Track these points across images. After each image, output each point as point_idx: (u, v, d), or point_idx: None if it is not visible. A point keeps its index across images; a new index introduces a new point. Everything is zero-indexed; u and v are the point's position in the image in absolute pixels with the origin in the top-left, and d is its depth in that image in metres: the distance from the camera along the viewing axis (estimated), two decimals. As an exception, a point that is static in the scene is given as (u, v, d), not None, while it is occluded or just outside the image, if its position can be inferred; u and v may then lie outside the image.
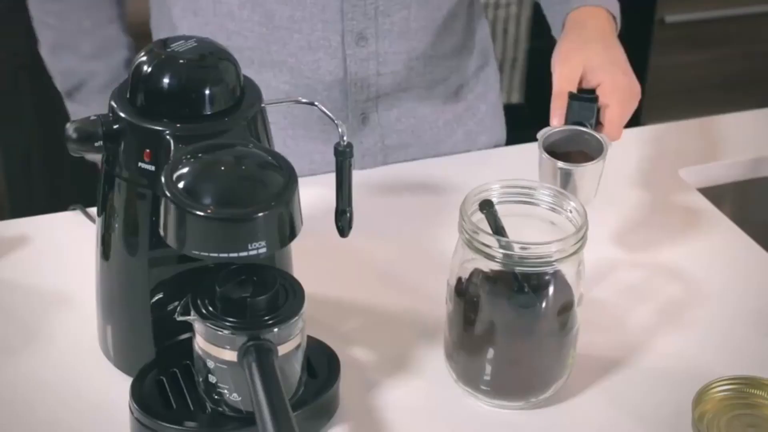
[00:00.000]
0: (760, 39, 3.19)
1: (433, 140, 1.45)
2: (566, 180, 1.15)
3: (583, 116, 1.19)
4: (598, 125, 1.20)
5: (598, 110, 1.20)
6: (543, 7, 1.41)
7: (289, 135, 1.39)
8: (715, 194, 1.44)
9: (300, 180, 0.93)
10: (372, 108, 1.39)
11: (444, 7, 1.38)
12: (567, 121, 1.19)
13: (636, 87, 1.23)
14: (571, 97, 1.20)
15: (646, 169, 1.44)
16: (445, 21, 1.39)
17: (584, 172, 1.16)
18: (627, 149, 1.48)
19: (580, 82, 1.22)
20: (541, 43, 1.51)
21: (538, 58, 1.52)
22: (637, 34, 2.58)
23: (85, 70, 1.42)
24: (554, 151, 1.17)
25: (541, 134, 1.18)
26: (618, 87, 1.21)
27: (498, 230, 1.02)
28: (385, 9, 1.32)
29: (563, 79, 1.21)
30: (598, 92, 1.21)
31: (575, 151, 1.18)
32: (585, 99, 1.20)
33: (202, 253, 0.90)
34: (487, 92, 1.52)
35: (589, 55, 1.23)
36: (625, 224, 1.33)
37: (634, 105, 1.23)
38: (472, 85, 1.48)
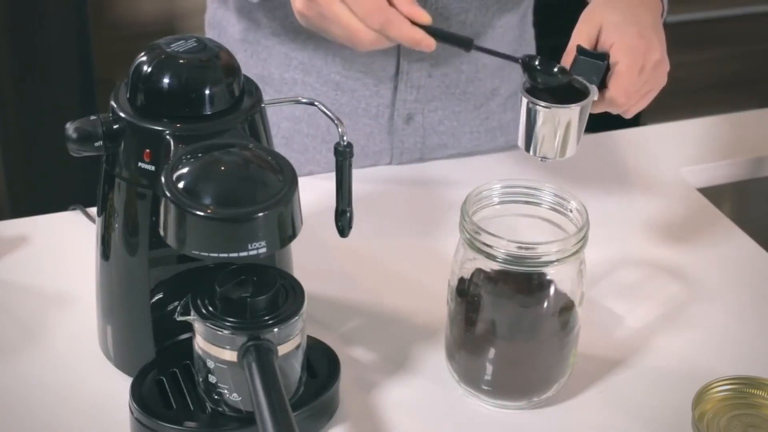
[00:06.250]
0: (759, 39, 3.19)
1: (472, 143, 1.45)
2: (530, 121, 1.06)
3: (587, 74, 1.09)
4: (604, 89, 1.09)
5: (607, 71, 1.09)
6: None
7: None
8: (715, 194, 1.44)
9: (300, 180, 0.93)
10: (419, 109, 1.39)
11: (502, 15, 1.36)
12: None
13: (654, 54, 1.11)
14: (579, 52, 1.09)
15: (646, 169, 1.44)
16: (501, 29, 1.38)
17: (549, 117, 1.05)
18: (627, 149, 1.49)
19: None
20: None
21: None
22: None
23: None
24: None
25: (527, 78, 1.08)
26: (630, 48, 1.09)
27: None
28: (445, 11, 1.31)
29: (577, 35, 1.12)
30: (610, 53, 1.10)
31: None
32: (592, 55, 1.09)
33: (202, 253, 0.90)
34: None
35: (610, 14, 1.12)
36: (625, 224, 1.33)
37: (657, 76, 1.12)
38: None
